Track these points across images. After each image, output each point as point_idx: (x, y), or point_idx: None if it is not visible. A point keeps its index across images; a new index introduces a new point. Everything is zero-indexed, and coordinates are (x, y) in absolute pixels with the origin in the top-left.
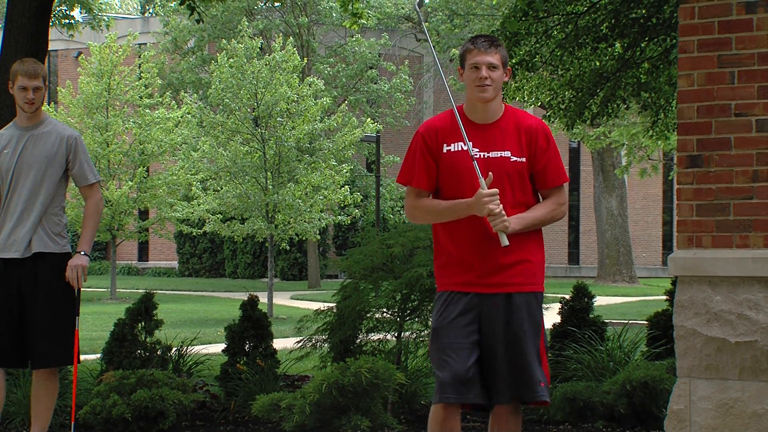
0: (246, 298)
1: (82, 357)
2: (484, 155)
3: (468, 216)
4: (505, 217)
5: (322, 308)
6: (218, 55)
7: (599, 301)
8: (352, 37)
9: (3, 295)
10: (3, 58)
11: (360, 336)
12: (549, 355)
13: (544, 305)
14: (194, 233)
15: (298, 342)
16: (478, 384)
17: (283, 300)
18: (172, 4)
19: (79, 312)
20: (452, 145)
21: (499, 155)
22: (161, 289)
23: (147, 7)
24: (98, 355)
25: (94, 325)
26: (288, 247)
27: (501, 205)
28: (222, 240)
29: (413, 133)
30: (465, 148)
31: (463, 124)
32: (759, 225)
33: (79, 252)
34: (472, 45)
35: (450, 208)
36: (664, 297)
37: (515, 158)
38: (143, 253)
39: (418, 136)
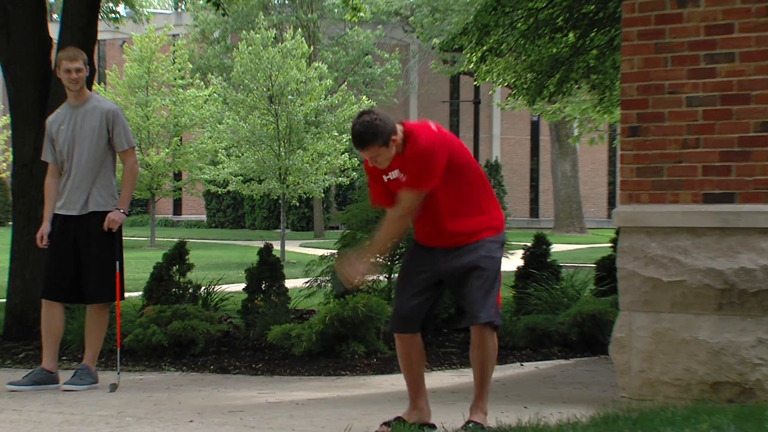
0: (262, 246)
1: (127, 294)
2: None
3: (422, 214)
4: (349, 275)
5: (326, 254)
6: (239, 43)
7: (555, 248)
8: (352, 29)
9: (62, 244)
10: (60, 45)
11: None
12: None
13: (510, 252)
14: (219, 192)
15: (306, 282)
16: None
17: (293, 247)
18: (201, 2)
19: (123, 257)
20: (389, 173)
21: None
22: (192, 239)
23: (179, 4)
24: (140, 293)
25: (137, 267)
26: (297, 204)
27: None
28: (243, 197)
29: (401, 109)
30: (394, 176)
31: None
32: (687, 184)
33: (119, 209)
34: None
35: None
36: (609, 244)
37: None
38: (177, 208)
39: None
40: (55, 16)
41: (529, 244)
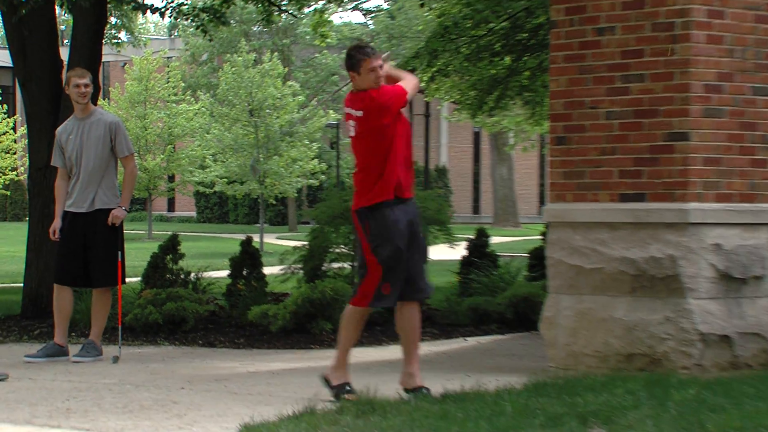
0: (244, 238)
1: (127, 279)
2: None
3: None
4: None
5: (298, 245)
6: (224, 65)
7: (494, 240)
8: (321, 53)
9: (72, 237)
10: (70, 66)
11: (325, 265)
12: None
13: (455, 243)
14: (207, 192)
15: (281, 269)
16: None
17: (270, 239)
18: (191, 29)
19: (124, 248)
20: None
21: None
22: (184, 232)
23: (173, 31)
24: (139, 278)
25: (136, 257)
26: (274, 202)
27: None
28: (227, 197)
29: None
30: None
31: None
32: (605, 186)
33: (121, 207)
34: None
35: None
36: (540, 237)
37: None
38: (171, 206)
39: None
40: (65, 41)
41: (471, 237)
